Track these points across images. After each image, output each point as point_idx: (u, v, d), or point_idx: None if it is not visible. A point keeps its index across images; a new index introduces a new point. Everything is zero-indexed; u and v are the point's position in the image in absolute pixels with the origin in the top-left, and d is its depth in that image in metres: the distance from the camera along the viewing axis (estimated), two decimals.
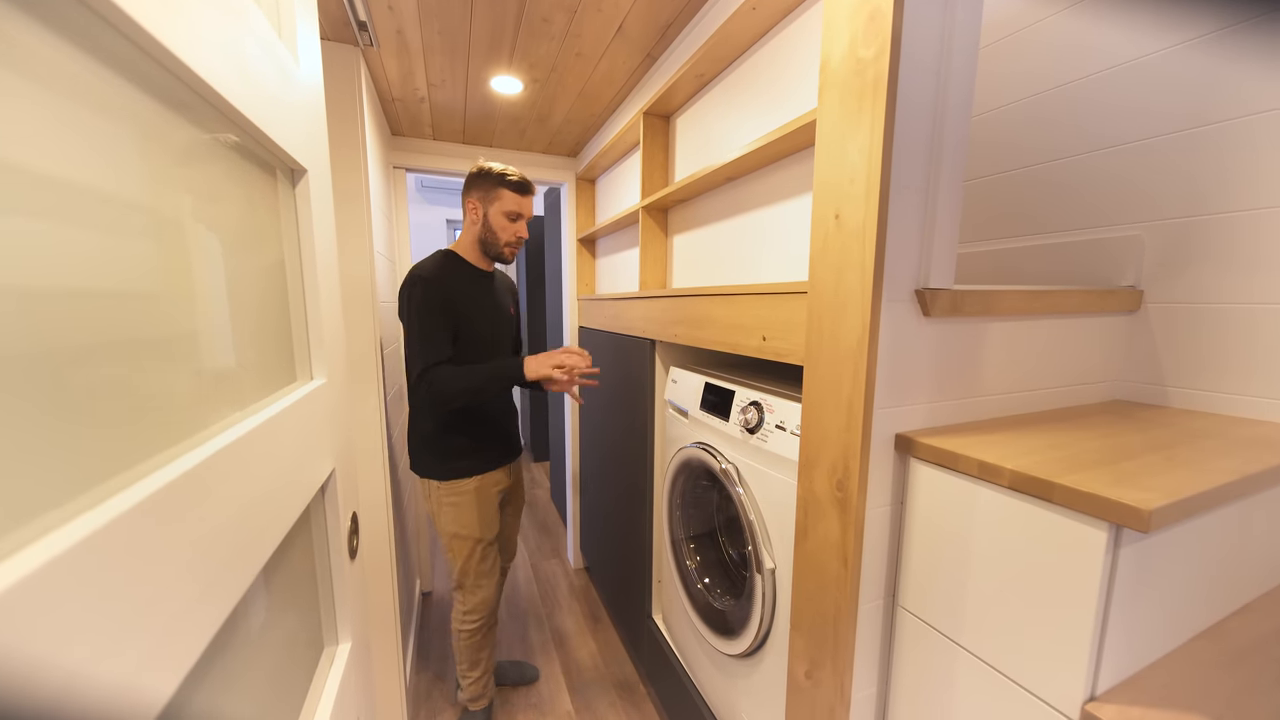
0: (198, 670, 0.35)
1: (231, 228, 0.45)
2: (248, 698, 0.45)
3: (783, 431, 0.91)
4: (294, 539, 0.56)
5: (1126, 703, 0.51)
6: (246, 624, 0.45)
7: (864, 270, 0.65)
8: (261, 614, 0.48)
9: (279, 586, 0.52)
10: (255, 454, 0.41)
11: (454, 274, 1.30)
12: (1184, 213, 0.88)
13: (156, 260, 0.34)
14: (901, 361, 0.70)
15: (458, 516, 1.34)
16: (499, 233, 1.30)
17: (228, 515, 0.36)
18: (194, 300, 0.38)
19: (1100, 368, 0.93)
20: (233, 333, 0.45)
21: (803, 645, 0.80)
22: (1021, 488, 0.56)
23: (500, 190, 1.28)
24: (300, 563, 0.59)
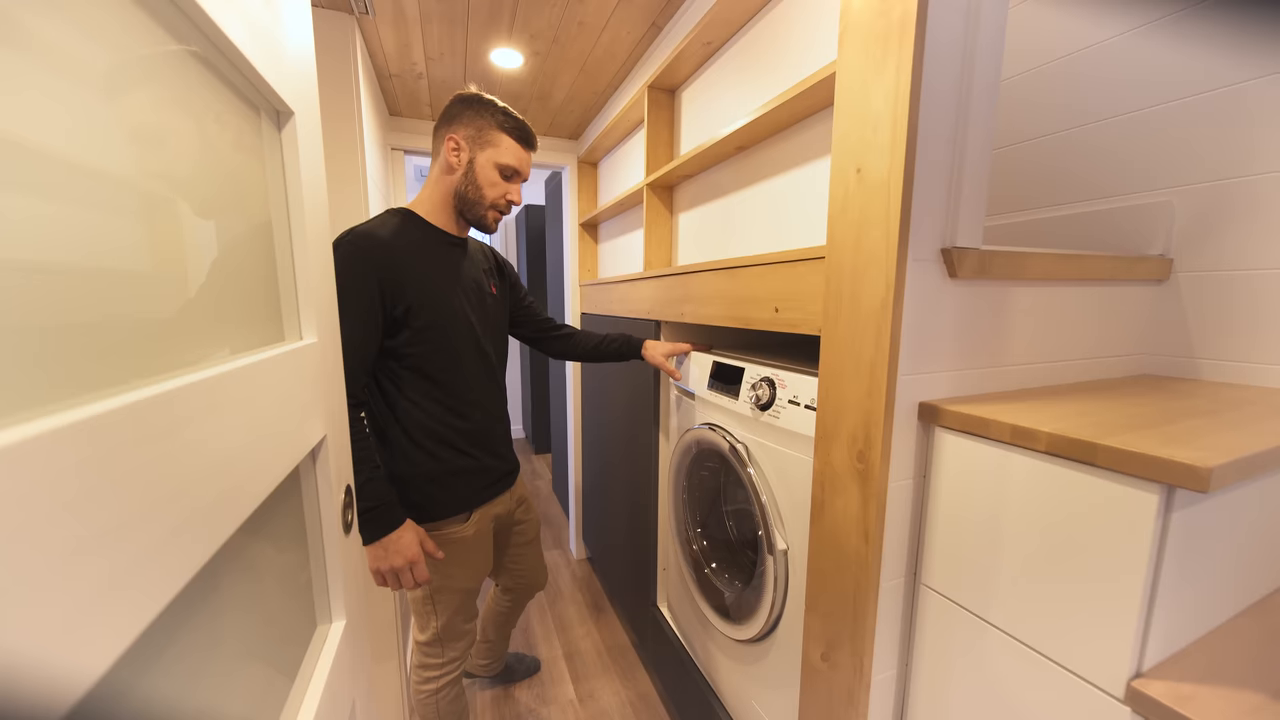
0: (171, 633, 0.32)
1: (206, 164, 0.41)
2: (230, 672, 0.41)
3: (796, 406, 0.87)
4: (282, 505, 0.53)
5: (1176, 679, 0.48)
6: (230, 591, 0.41)
7: (888, 227, 0.62)
8: (247, 582, 0.45)
9: (266, 556, 0.49)
10: (235, 397, 0.37)
11: (405, 239, 0.93)
12: (1215, 176, 0.84)
13: (121, 189, 0.30)
14: (926, 326, 0.66)
15: (449, 569, 1.02)
16: (485, 189, 0.96)
17: (202, 457, 0.32)
18: (162, 237, 0.34)
19: (1127, 340, 0.89)
20: (210, 278, 0.41)
21: (819, 627, 0.77)
22: (1061, 451, 0.53)
23: (497, 134, 0.95)
24: (290, 533, 0.55)
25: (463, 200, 0.98)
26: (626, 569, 1.73)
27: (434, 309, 0.95)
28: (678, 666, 1.35)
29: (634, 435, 1.58)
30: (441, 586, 1.03)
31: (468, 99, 0.96)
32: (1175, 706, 0.45)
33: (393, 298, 0.90)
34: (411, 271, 0.92)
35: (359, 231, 0.90)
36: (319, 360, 0.58)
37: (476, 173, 0.96)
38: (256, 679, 0.46)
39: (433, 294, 0.95)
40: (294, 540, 0.56)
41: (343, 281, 0.79)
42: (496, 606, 1.40)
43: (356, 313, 0.86)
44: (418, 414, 0.97)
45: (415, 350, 0.94)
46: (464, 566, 1.04)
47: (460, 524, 1.03)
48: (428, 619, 1.06)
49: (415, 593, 1.04)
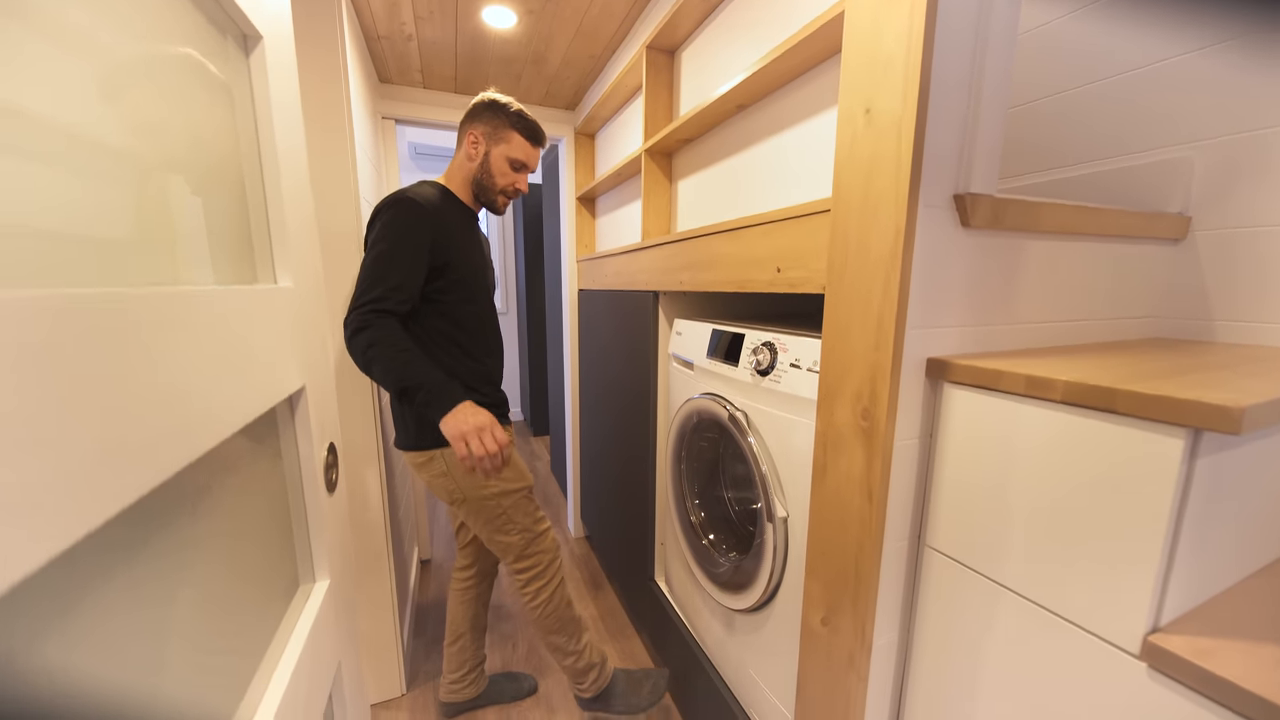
0: (139, 585, 0.29)
1: (162, 88, 0.38)
2: (203, 627, 0.39)
3: (798, 369, 0.84)
4: (259, 459, 0.50)
5: (1195, 634, 0.46)
6: (203, 545, 0.39)
7: (899, 169, 0.58)
8: (220, 536, 0.42)
9: (242, 511, 0.46)
10: (194, 321, 0.34)
11: (444, 205, 1.10)
12: (1239, 128, 0.80)
13: (77, 111, 0.27)
14: (935, 277, 0.63)
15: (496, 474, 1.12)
16: (497, 178, 1.14)
17: (149, 376, 0.29)
18: (115, 161, 0.31)
19: (1140, 301, 0.86)
20: (169, 209, 0.38)
21: (819, 591, 0.75)
22: (1079, 400, 0.50)
23: (510, 132, 1.12)
24: (267, 487, 0.52)
25: (479, 185, 1.16)
26: (624, 545, 1.72)
27: (465, 264, 1.12)
28: (675, 639, 1.34)
29: (632, 410, 1.55)
30: (503, 491, 1.13)
31: (489, 102, 1.13)
32: (1195, 660, 0.43)
33: (439, 249, 1.06)
34: (451, 231, 1.09)
35: (412, 192, 1.05)
36: (296, 306, 0.54)
37: (491, 164, 1.14)
38: (232, 635, 0.44)
39: (463, 252, 1.12)
40: (273, 494, 0.54)
41: (401, 228, 1.01)
42: (460, 587, 1.35)
43: (409, 253, 1.02)
44: (441, 357, 1.10)
45: (447, 298, 1.10)
46: (509, 466, 1.15)
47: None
48: (507, 536, 1.15)
49: (484, 518, 1.13)
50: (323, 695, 0.56)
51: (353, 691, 0.67)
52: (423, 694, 1.46)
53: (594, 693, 1.25)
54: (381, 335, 0.96)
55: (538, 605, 1.18)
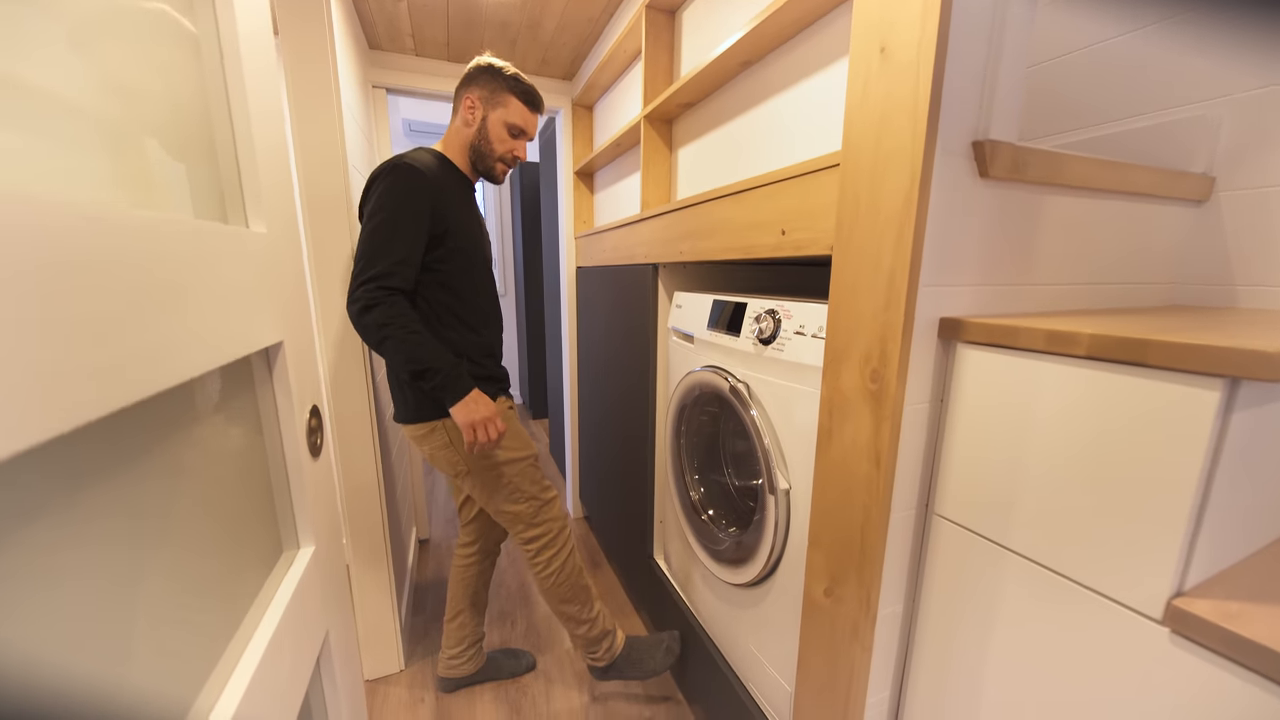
0: (109, 543, 0.26)
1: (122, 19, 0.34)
2: (172, 589, 0.36)
3: (802, 336, 0.81)
4: (234, 416, 0.47)
5: (1222, 597, 0.44)
6: (177, 507, 0.36)
7: (915, 112, 0.54)
8: (194, 498, 0.39)
9: (216, 472, 0.44)
10: (157, 250, 0.31)
11: (443, 172, 1.07)
12: (1265, 82, 0.76)
13: None
14: (951, 230, 0.59)
15: (503, 441, 1.11)
16: (495, 144, 1.10)
17: (92, 296, 0.26)
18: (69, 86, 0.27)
19: (1159, 266, 0.83)
20: (131, 143, 0.34)
21: (822, 562, 0.73)
22: (1105, 354, 0.47)
23: (508, 96, 1.08)
24: (245, 449, 0.50)
25: (476, 152, 1.11)
26: (623, 524, 1.71)
27: (463, 233, 1.08)
28: (674, 615, 1.33)
29: (631, 388, 1.53)
30: (508, 460, 1.12)
31: (486, 66, 1.07)
32: (1223, 624, 0.41)
33: (438, 218, 1.02)
34: (450, 199, 1.05)
35: (411, 158, 1.01)
36: (271, 255, 0.51)
37: (488, 129, 1.09)
38: (205, 600, 0.41)
39: (462, 221, 1.08)
40: (252, 459, 0.51)
41: (401, 197, 0.97)
42: (461, 564, 1.34)
43: (410, 223, 0.98)
44: (441, 328, 1.07)
45: (446, 267, 1.06)
46: (514, 435, 1.14)
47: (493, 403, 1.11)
48: (516, 505, 1.14)
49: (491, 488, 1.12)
50: (308, 663, 0.54)
51: (344, 662, 0.65)
52: (421, 670, 1.46)
53: (608, 661, 1.25)
54: (394, 315, 0.95)
55: (550, 574, 1.17)
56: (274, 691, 0.44)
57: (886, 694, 0.73)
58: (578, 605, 1.20)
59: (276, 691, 0.45)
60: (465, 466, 1.11)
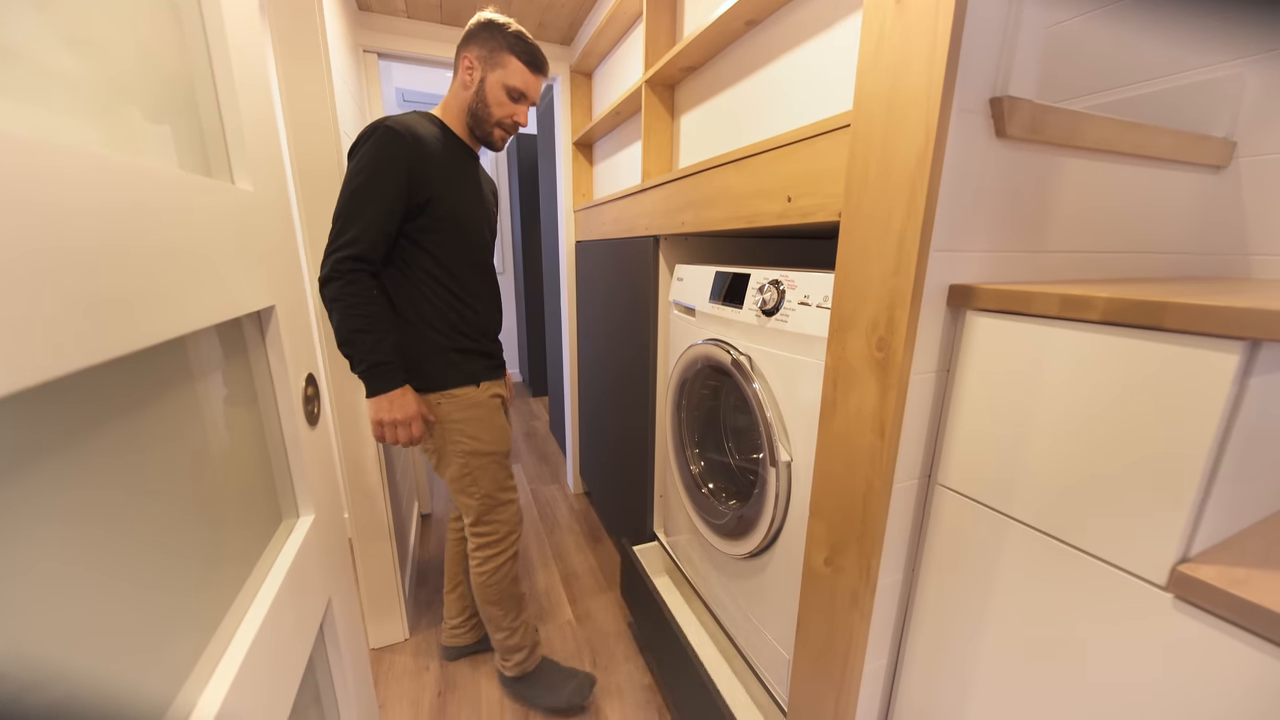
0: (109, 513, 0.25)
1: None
2: (168, 557, 0.36)
3: (807, 307, 0.80)
4: (227, 383, 0.46)
5: (1229, 563, 0.43)
6: (174, 475, 0.35)
7: (932, 65, 0.52)
8: (184, 462, 0.38)
9: (212, 440, 0.43)
10: (137, 201, 0.29)
11: (433, 137, 1.00)
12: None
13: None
14: (964, 193, 0.57)
15: (473, 430, 1.08)
16: (493, 108, 1.03)
17: (69, 237, 0.25)
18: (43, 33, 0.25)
19: (1171, 235, 0.81)
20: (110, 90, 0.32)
21: (823, 532, 0.73)
22: (1122, 318, 0.46)
23: (507, 56, 1.01)
24: (241, 417, 0.49)
25: (473, 116, 1.05)
26: (623, 498, 1.72)
27: (452, 202, 1.02)
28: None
29: (631, 363, 1.51)
30: (474, 451, 1.09)
31: (485, 22, 1.01)
32: (1229, 588, 0.40)
33: (418, 185, 0.96)
34: (438, 165, 0.99)
35: (395, 120, 0.95)
36: (258, 214, 0.49)
37: (486, 92, 1.03)
38: (203, 567, 0.41)
39: (452, 190, 1.02)
40: (248, 428, 0.50)
41: (377, 161, 0.92)
42: (455, 538, 1.34)
43: (384, 190, 0.93)
44: (429, 299, 1.03)
45: (432, 238, 1.00)
46: (487, 428, 1.10)
47: (474, 389, 1.09)
48: (468, 497, 1.12)
49: (451, 473, 1.10)
50: (310, 629, 0.54)
51: (347, 628, 0.66)
52: (425, 639, 1.49)
53: (516, 674, 1.25)
54: (347, 292, 0.91)
55: (484, 573, 1.16)
56: (275, 654, 0.44)
57: (884, 661, 0.74)
58: (502, 611, 1.19)
59: (278, 654, 0.45)
60: (433, 444, 1.09)
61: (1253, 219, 0.79)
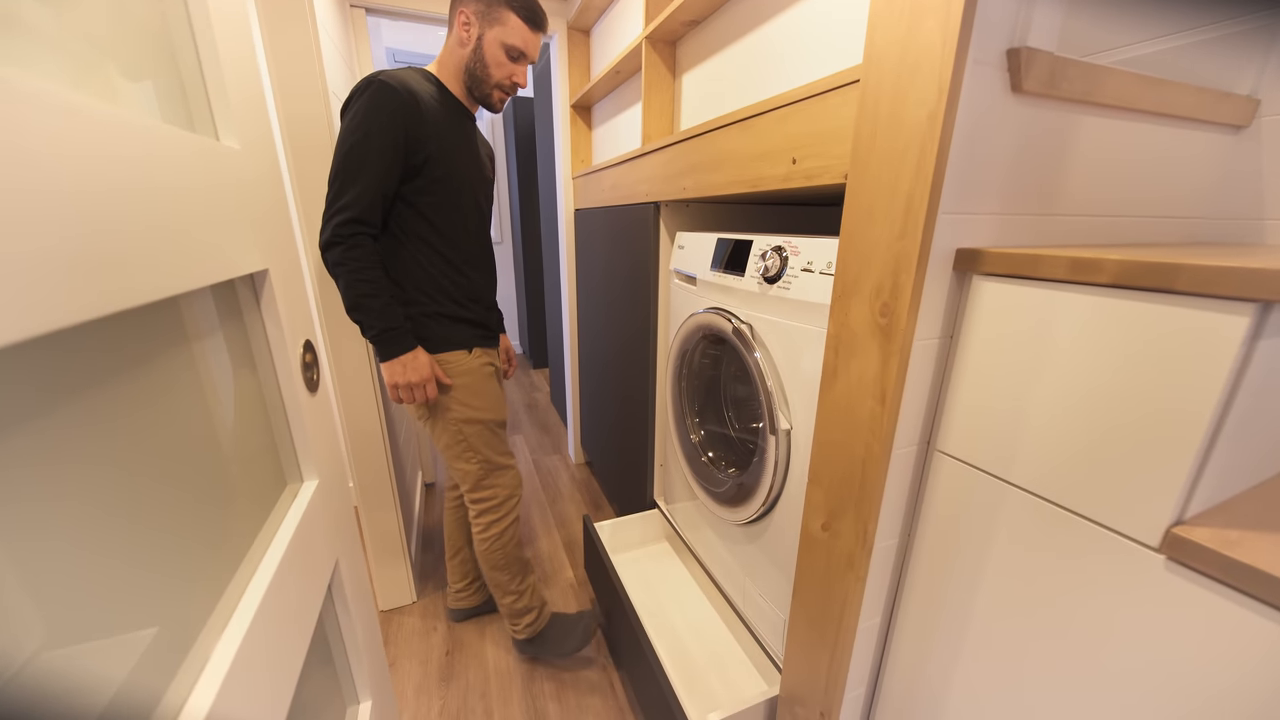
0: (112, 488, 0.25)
1: None
2: (174, 522, 0.36)
3: (810, 274, 0.78)
4: (225, 351, 0.46)
5: (1222, 525, 0.44)
6: (174, 443, 0.35)
7: (948, 13, 0.49)
8: (186, 430, 0.38)
9: (212, 408, 0.42)
10: (119, 153, 0.28)
11: (429, 95, 0.96)
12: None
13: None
14: (976, 153, 0.55)
15: (467, 397, 1.07)
16: (492, 68, 0.99)
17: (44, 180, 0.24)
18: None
19: (1187, 199, 0.79)
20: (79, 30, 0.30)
21: (821, 498, 0.74)
22: (1132, 281, 0.45)
23: (506, 12, 0.96)
24: (240, 385, 0.48)
25: (471, 76, 1.01)
26: (624, 466, 1.75)
27: (448, 164, 0.99)
28: None
29: (632, 332, 1.51)
30: (468, 419, 1.09)
31: None
32: (1220, 549, 0.41)
33: (415, 144, 0.93)
34: (434, 125, 0.96)
35: (390, 75, 0.92)
36: (246, 173, 0.48)
37: (484, 50, 0.98)
38: (209, 531, 0.41)
39: (448, 150, 0.99)
40: (248, 395, 0.50)
41: (371, 118, 0.89)
42: (452, 506, 1.36)
43: (381, 148, 0.90)
44: (420, 265, 1.02)
45: (426, 200, 0.98)
46: (480, 395, 1.10)
47: (466, 355, 1.08)
48: (465, 463, 1.12)
49: (445, 440, 1.10)
50: (318, 590, 0.55)
51: (354, 589, 0.67)
52: (432, 602, 1.53)
53: (528, 635, 1.28)
54: (350, 256, 0.91)
55: (487, 539, 1.17)
56: (284, 613, 0.45)
57: (877, 620, 0.76)
58: (508, 575, 1.21)
59: (286, 613, 0.46)
60: (428, 412, 1.09)
61: (1271, 182, 0.76)
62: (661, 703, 0.94)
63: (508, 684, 1.28)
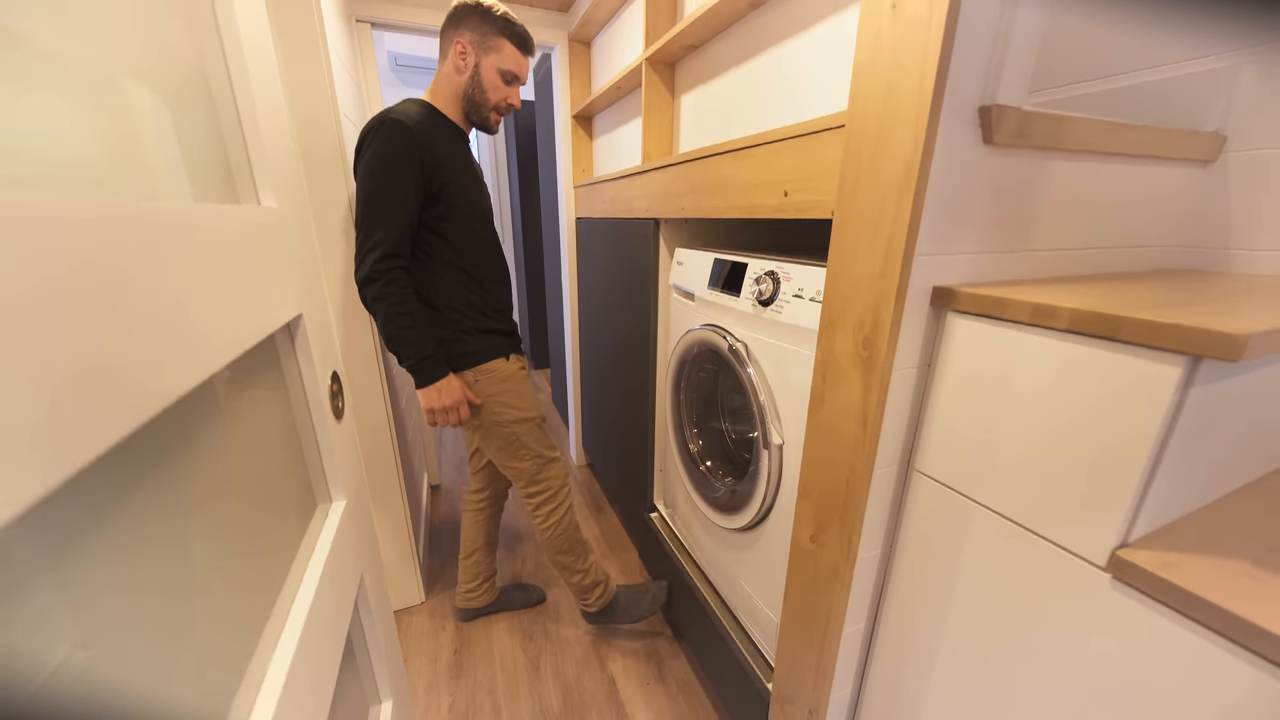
0: (153, 516, 0.30)
1: None
2: (228, 548, 0.41)
3: (800, 300, 0.83)
4: (263, 387, 0.51)
5: (1161, 548, 0.49)
6: (200, 464, 0.40)
7: (923, 74, 0.53)
8: (219, 456, 0.43)
9: (252, 440, 0.47)
10: (176, 239, 0.33)
11: (433, 125, 1.03)
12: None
13: None
14: (950, 199, 0.60)
15: (513, 400, 1.16)
16: (489, 92, 1.07)
17: (132, 297, 0.29)
18: (78, 72, 0.28)
19: (1158, 229, 0.83)
20: (140, 127, 0.35)
21: (810, 511, 0.79)
22: (1084, 328, 0.49)
23: (500, 40, 1.04)
24: (275, 417, 0.53)
25: (469, 101, 1.08)
26: (625, 471, 1.80)
27: (460, 187, 1.06)
28: (672, 554, 1.44)
29: (632, 341, 1.55)
30: (516, 419, 1.19)
31: (474, 6, 1.02)
32: (1158, 572, 0.46)
33: (431, 174, 1.00)
34: (443, 153, 1.03)
35: (398, 113, 0.98)
36: (283, 229, 0.52)
37: (481, 76, 1.06)
38: (256, 553, 0.46)
39: (458, 174, 1.06)
40: (282, 424, 0.55)
41: (390, 157, 0.96)
42: (473, 508, 1.42)
43: (403, 185, 0.97)
44: (448, 284, 1.09)
45: (445, 224, 1.05)
46: (523, 396, 1.20)
47: (504, 362, 1.17)
48: (519, 461, 1.21)
49: (497, 444, 1.19)
50: (348, 603, 0.60)
51: (377, 600, 0.73)
52: (440, 602, 1.59)
53: (598, 608, 1.38)
54: (388, 291, 0.98)
55: (549, 526, 1.27)
56: (323, 627, 0.50)
57: (861, 625, 0.82)
58: (572, 556, 1.31)
59: (325, 627, 0.51)
60: (476, 421, 1.17)
61: (1236, 214, 0.81)
62: (736, 668, 1.06)
63: (514, 681, 1.34)
